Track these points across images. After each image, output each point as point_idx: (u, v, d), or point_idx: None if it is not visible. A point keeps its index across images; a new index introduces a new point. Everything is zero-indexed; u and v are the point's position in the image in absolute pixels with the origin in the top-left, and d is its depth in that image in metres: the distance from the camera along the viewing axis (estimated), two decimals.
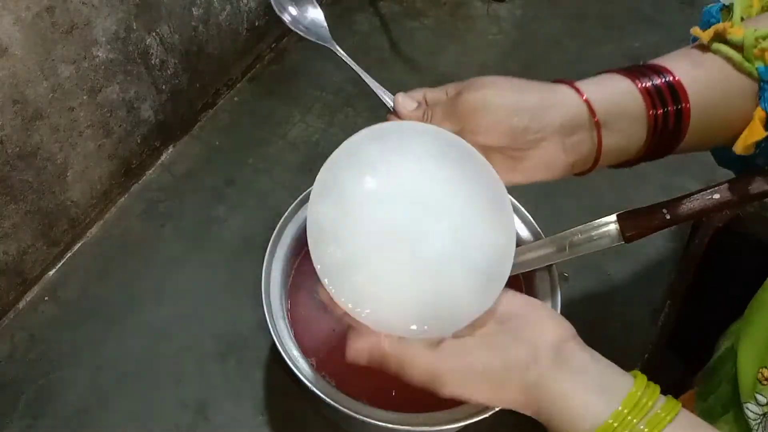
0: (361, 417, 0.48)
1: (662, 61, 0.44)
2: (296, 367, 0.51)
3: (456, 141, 0.45)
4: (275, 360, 0.64)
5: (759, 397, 0.48)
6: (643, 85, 0.42)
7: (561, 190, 0.79)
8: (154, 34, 0.73)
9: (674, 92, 0.42)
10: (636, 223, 0.53)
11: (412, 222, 0.43)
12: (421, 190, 0.44)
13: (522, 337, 0.41)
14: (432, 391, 0.40)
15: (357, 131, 0.45)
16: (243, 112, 0.89)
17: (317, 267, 0.42)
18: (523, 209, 0.61)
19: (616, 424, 0.36)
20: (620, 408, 0.36)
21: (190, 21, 0.78)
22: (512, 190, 0.61)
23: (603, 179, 0.80)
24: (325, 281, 0.41)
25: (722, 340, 0.59)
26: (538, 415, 0.39)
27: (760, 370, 0.48)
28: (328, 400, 0.49)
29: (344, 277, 0.41)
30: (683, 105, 0.42)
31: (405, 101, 0.47)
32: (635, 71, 0.43)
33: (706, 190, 0.52)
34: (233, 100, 0.90)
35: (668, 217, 0.52)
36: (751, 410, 0.49)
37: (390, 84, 0.51)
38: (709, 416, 0.55)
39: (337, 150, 0.44)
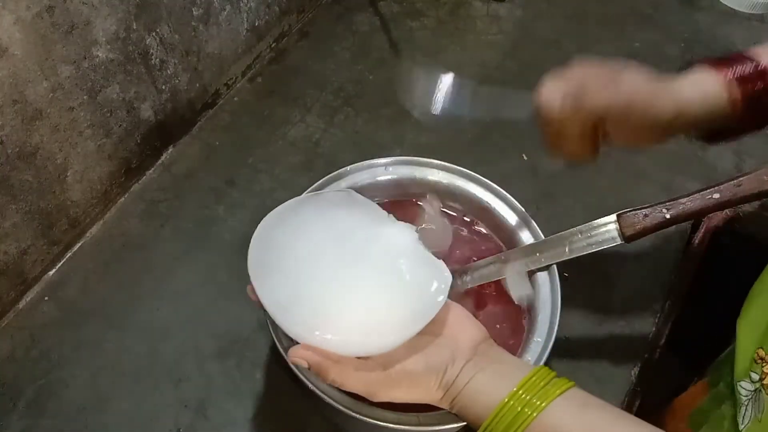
0: (361, 417, 0.48)
1: (752, 51, 0.49)
2: (296, 367, 0.50)
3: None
4: (275, 360, 0.64)
5: (753, 375, 0.49)
6: (734, 73, 0.47)
7: (561, 190, 0.79)
8: (154, 34, 0.73)
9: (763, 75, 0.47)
10: (636, 223, 0.54)
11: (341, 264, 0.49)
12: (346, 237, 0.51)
13: (441, 341, 0.46)
14: (367, 398, 0.45)
15: (357, 131, 0.45)
16: (243, 112, 0.89)
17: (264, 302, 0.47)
18: (523, 209, 0.61)
19: (511, 402, 0.41)
20: (515, 389, 0.41)
21: (190, 21, 0.78)
22: (513, 190, 0.62)
23: (603, 179, 0.80)
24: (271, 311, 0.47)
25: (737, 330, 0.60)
26: (452, 407, 0.45)
27: (757, 351, 0.49)
28: (328, 399, 0.49)
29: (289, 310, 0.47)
30: None
31: (549, 95, 0.50)
32: (725, 62, 0.49)
33: (706, 190, 0.52)
34: (233, 100, 0.90)
35: (668, 217, 0.53)
36: (744, 388, 0.50)
37: (390, 84, 0.51)
38: (718, 399, 0.57)
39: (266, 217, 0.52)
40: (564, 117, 0.48)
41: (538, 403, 0.40)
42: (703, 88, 0.48)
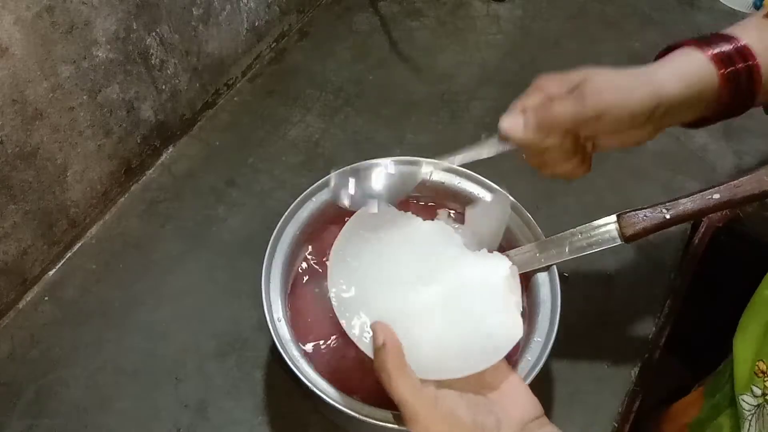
0: (361, 417, 0.48)
1: (730, 30, 0.48)
2: (296, 367, 0.51)
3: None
4: (275, 360, 0.64)
5: (755, 389, 0.49)
6: (713, 52, 0.46)
7: (561, 190, 0.79)
8: (154, 34, 0.73)
9: (742, 54, 0.45)
10: (636, 223, 0.54)
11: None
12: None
13: (492, 403, 0.44)
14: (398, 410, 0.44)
15: (357, 131, 0.46)
16: (243, 112, 0.89)
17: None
18: (523, 209, 0.61)
19: None
20: None
21: (190, 21, 0.78)
22: (513, 190, 0.62)
23: (603, 179, 0.80)
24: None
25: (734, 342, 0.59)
26: None
27: (757, 363, 0.49)
28: (328, 399, 0.49)
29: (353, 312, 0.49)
30: (753, 62, 0.45)
31: (510, 121, 0.48)
32: (704, 42, 0.46)
33: (706, 190, 0.52)
34: (233, 100, 0.90)
35: (668, 217, 0.52)
36: (746, 402, 0.49)
37: (390, 84, 0.51)
38: (715, 410, 0.56)
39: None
40: (535, 140, 0.46)
41: None
42: (682, 69, 0.46)
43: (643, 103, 0.44)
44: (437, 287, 0.51)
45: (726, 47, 0.46)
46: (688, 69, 0.46)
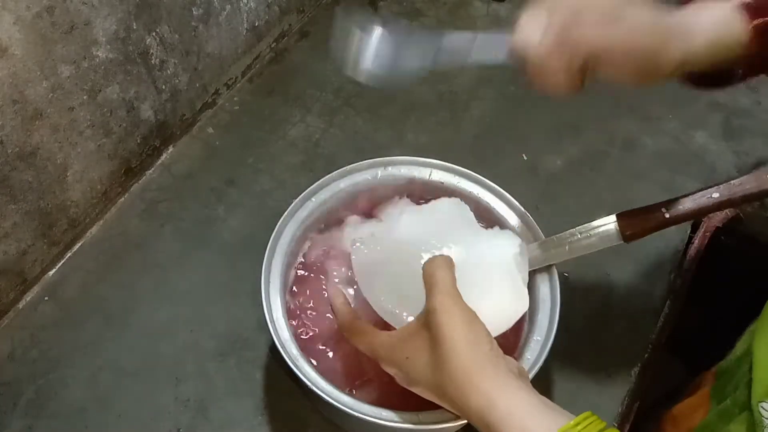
0: (360, 416, 0.48)
1: None
2: (296, 367, 0.51)
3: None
4: (275, 360, 0.64)
5: None
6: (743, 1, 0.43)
7: (561, 191, 0.79)
8: (154, 34, 0.73)
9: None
10: (636, 223, 0.54)
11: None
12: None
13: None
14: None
15: (357, 131, 0.45)
16: (243, 112, 0.89)
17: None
18: (523, 209, 0.61)
19: None
20: (572, 423, 0.37)
21: (190, 21, 0.78)
22: (513, 191, 0.62)
23: (603, 179, 0.80)
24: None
25: (740, 341, 0.59)
26: (479, 395, 0.40)
27: None
28: (328, 399, 0.49)
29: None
30: None
31: (527, 35, 0.45)
32: None
33: (706, 190, 0.52)
34: (233, 100, 0.90)
35: (668, 217, 0.52)
36: (766, 409, 0.48)
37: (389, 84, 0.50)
38: (725, 417, 0.55)
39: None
40: (545, 54, 0.43)
41: None
42: (717, 26, 0.43)
43: (674, 57, 0.43)
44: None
45: None
46: (717, 20, 0.44)
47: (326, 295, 0.59)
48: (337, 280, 0.60)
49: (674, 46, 0.43)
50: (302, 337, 0.57)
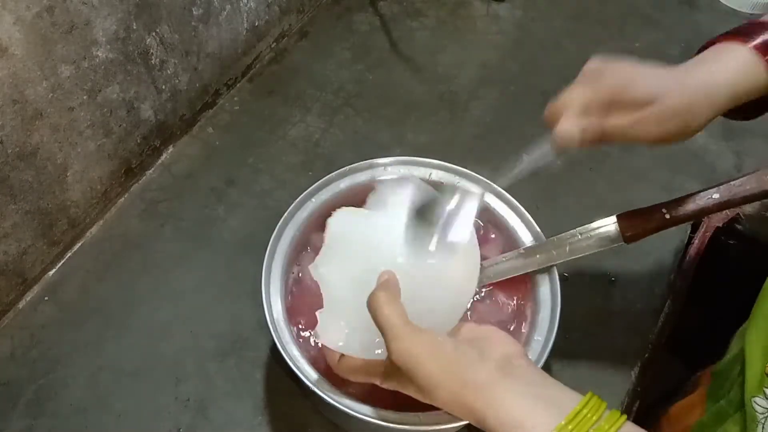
0: (361, 416, 0.48)
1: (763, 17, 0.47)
2: (296, 367, 0.51)
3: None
4: (275, 360, 0.64)
5: (767, 391, 0.48)
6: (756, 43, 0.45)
7: (561, 191, 0.79)
8: (154, 34, 0.73)
9: None
10: (636, 224, 0.54)
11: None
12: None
13: (478, 344, 0.43)
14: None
15: (357, 131, 0.45)
16: (243, 112, 0.89)
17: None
18: (523, 210, 0.61)
19: None
20: (563, 422, 0.36)
21: (190, 21, 0.78)
22: (513, 191, 0.62)
23: (603, 179, 0.80)
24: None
25: (733, 342, 0.59)
26: (473, 413, 0.40)
27: (767, 364, 0.48)
28: (328, 399, 0.49)
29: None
30: None
31: (568, 131, 0.47)
32: (743, 33, 0.46)
33: (706, 190, 0.52)
34: (233, 100, 0.90)
35: (668, 217, 0.52)
36: (759, 404, 0.49)
37: (390, 84, 0.51)
38: (720, 417, 0.55)
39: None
40: (585, 144, 0.47)
41: None
42: (739, 74, 0.45)
43: (705, 118, 0.46)
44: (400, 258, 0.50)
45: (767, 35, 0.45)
46: (739, 68, 0.45)
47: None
48: None
49: (702, 107, 0.45)
50: (302, 337, 0.57)
